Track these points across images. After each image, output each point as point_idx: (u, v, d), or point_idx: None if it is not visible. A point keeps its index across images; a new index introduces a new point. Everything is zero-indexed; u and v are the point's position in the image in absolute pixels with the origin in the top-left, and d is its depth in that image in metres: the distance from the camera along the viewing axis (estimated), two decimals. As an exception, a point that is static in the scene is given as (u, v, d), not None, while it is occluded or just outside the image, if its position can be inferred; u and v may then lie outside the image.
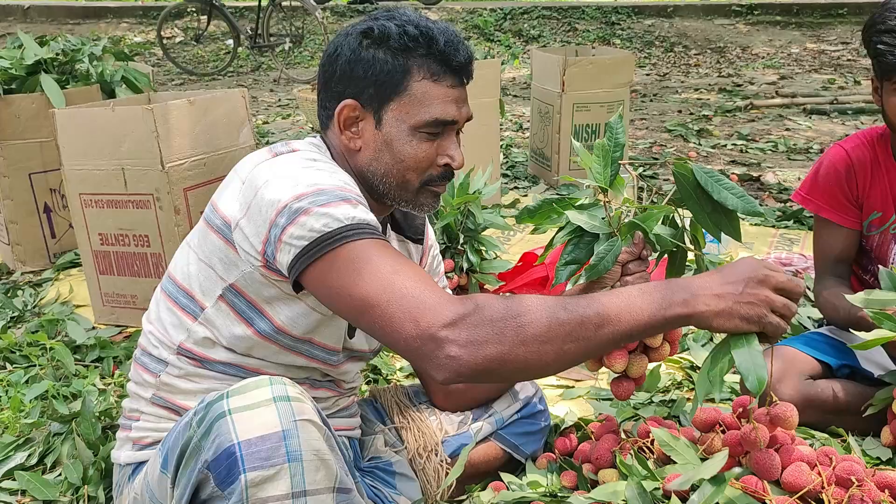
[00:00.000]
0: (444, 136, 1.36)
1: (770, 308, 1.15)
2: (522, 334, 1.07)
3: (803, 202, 2.07)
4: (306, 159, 1.30)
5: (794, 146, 5.24)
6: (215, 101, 2.62)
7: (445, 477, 1.61)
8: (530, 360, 1.08)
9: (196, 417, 1.12)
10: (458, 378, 1.07)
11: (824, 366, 1.93)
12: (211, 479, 1.09)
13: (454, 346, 1.05)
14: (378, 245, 1.17)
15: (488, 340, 1.06)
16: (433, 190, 1.38)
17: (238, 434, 1.06)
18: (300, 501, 1.07)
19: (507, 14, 11.11)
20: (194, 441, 1.11)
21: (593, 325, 1.09)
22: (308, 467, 1.08)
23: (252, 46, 9.02)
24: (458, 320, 1.06)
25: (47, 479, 1.79)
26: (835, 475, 1.46)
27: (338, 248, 1.15)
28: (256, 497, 1.06)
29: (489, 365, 1.06)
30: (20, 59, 3.12)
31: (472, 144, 3.80)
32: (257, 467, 1.05)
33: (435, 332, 1.06)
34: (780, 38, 10.38)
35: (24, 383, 2.25)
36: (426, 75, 1.32)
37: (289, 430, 1.07)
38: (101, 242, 2.63)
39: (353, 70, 1.33)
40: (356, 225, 1.17)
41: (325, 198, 1.19)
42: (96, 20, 11.00)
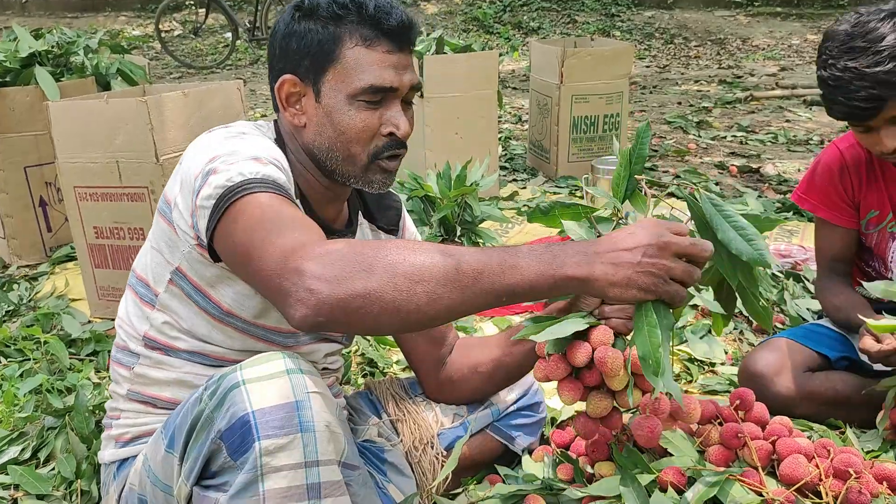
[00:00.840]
0: (388, 105, 1.31)
1: (669, 276, 1.08)
2: (392, 270, 1.00)
3: (800, 202, 2.06)
4: (235, 132, 1.30)
5: (794, 137, 5.22)
6: (210, 94, 2.60)
7: (441, 470, 1.60)
8: (399, 300, 1.00)
9: (207, 392, 1.12)
10: (316, 315, 1.00)
11: (823, 358, 1.92)
12: (223, 448, 1.09)
13: (315, 280, 0.99)
14: (273, 198, 1.14)
15: (354, 275, 0.99)
16: (382, 166, 1.34)
17: (252, 403, 1.06)
18: (312, 471, 1.08)
19: (506, 6, 11.08)
20: (206, 413, 1.10)
21: (472, 272, 1.03)
22: (320, 438, 1.08)
23: (250, 39, 9.00)
24: (325, 254, 1.01)
25: (41, 474, 1.78)
26: (832, 467, 1.45)
27: (236, 201, 1.14)
28: (270, 465, 1.06)
29: (353, 302, 0.99)
30: (15, 52, 3.10)
31: (471, 136, 3.81)
32: (271, 435, 1.05)
33: (298, 264, 1.01)
34: (780, 30, 10.35)
35: (19, 377, 2.24)
36: (358, 41, 1.28)
37: (302, 401, 1.07)
38: (97, 236, 2.62)
39: (287, 44, 1.32)
40: (259, 179, 1.16)
41: (235, 157, 1.19)
42: (94, 13, 10.98)
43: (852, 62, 1.66)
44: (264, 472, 1.06)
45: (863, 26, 1.68)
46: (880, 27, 1.66)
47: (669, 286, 1.09)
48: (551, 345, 1.22)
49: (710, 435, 1.57)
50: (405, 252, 1.03)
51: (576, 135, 4.26)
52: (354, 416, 1.70)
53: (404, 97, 1.34)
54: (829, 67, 1.71)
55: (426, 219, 2.73)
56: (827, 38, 1.75)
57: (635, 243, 1.07)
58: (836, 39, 1.72)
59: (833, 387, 1.86)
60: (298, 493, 1.07)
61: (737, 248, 1.13)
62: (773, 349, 1.91)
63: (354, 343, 2.39)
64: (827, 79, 1.72)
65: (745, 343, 2.44)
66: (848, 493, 1.40)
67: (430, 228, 2.70)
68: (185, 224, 1.24)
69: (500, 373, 1.60)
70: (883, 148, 1.74)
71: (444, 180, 2.73)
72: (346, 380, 2.20)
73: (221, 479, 1.11)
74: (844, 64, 1.67)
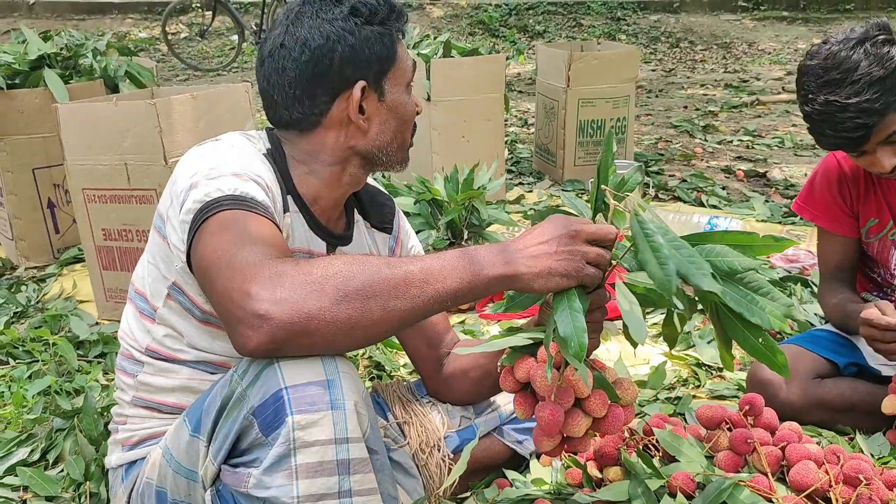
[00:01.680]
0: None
1: (585, 260, 1.14)
2: (344, 289, 1.04)
3: (800, 211, 2.05)
4: (223, 145, 1.32)
5: (800, 142, 5.21)
6: (218, 96, 2.61)
7: (448, 473, 1.60)
8: (353, 317, 1.04)
9: (237, 372, 1.13)
10: (270, 341, 1.02)
11: (831, 364, 1.91)
12: (255, 425, 1.10)
13: (266, 303, 1.01)
14: (244, 216, 1.17)
15: (306, 296, 1.02)
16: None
17: (286, 380, 1.07)
18: (342, 447, 1.09)
19: (512, 9, 11.08)
20: (238, 391, 1.11)
21: (419, 281, 1.08)
22: (349, 416, 1.09)
23: (257, 42, 9.01)
24: (274, 276, 1.03)
25: (49, 476, 1.79)
26: (842, 473, 1.45)
27: (210, 217, 1.16)
28: (302, 440, 1.07)
29: (308, 324, 1.02)
30: (24, 54, 3.12)
31: (478, 140, 3.81)
32: (304, 411, 1.07)
33: (248, 287, 1.02)
34: (786, 34, 10.34)
35: (27, 379, 2.24)
36: (399, 36, 1.39)
37: (333, 380, 1.08)
38: (105, 237, 2.63)
39: (357, 53, 1.32)
40: (237, 197, 1.19)
41: (216, 172, 1.22)
42: (101, 16, 11.01)
43: (832, 96, 1.66)
44: (297, 447, 1.07)
45: (834, 57, 1.67)
46: (852, 55, 1.66)
47: (588, 270, 1.14)
48: (504, 358, 1.25)
49: (720, 440, 1.57)
50: (353, 268, 1.06)
51: (582, 138, 4.26)
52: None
53: None
54: (811, 103, 1.71)
55: (433, 222, 2.73)
56: (802, 74, 1.74)
57: (549, 236, 1.15)
58: (811, 75, 1.71)
59: (841, 393, 1.86)
60: (329, 468, 1.08)
61: (650, 270, 1.10)
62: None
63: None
64: (811, 114, 1.72)
65: (752, 348, 2.43)
66: (858, 500, 1.39)
67: (438, 232, 2.70)
68: (178, 240, 1.25)
69: (488, 380, 1.59)
70: (881, 168, 1.74)
71: (451, 184, 2.73)
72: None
73: (251, 455, 1.12)
74: (825, 98, 1.67)
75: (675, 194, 4.07)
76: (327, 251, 1.45)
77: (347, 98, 1.33)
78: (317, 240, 1.43)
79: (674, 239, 1.12)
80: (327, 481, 1.08)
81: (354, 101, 1.33)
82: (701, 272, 1.09)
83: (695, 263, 1.09)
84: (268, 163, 1.34)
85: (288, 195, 1.37)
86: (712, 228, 3.27)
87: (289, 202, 1.37)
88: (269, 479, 1.09)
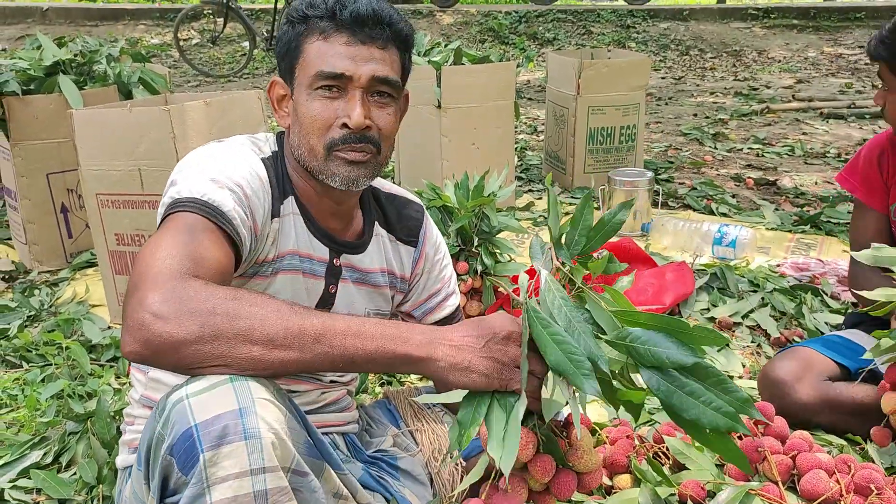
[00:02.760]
0: (347, 97, 1.31)
1: (515, 364, 1.10)
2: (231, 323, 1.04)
3: (842, 181, 2.15)
4: (221, 147, 1.34)
5: (810, 150, 5.21)
6: (232, 103, 2.63)
7: (460, 480, 1.60)
8: (230, 354, 1.04)
9: (158, 409, 1.11)
10: (142, 351, 1.03)
11: (843, 369, 1.92)
12: (174, 464, 1.07)
13: (150, 315, 1.02)
14: (200, 225, 1.18)
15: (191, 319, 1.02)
16: (341, 157, 1.33)
17: (195, 416, 1.04)
18: (259, 478, 1.05)
19: (522, 17, 11.10)
20: (157, 430, 1.09)
21: (314, 333, 1.06)
22: (265, 444, 1.05)
23: (268, 48, 9.06)
24: (174, 292, 1.04)
25: (62, 478, 1.80)
26: (853, 483, 1.45)
27: (172, 214, 1.20)
28: (215, 476, 1.04)
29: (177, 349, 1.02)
30: (39, 60, 3.15)
31: (488, 147, 3.82)
32: (214, 446, 1.03)
33: (145, 293, 1.04)
34: (796, 42, 10.32)
35: (40, 382, 2.26)
36: (317, 36, 1.32)
37: (246, 408, 1.05)
38: (118, 242, 2.64)
39: (280, 48, 1.38)
40: (201, 202, 1.20)
41: (196, 173, 1.25)
42: (114, 22, 11.08)
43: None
44: (210, 484, 1.04)
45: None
46: None
47: (513, 374, 1.10)
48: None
49: (730, 449, 1.57)
50: (249, 305, 1.06)
51: (592, 146, 4.27)
52: (372, 426, 1.70)
53: (373, 89, 1.33)
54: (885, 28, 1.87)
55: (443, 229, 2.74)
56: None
57: (481, 331, 1.11)
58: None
59: (853, 396, 1.86)
60: (246, 501, 1.05)
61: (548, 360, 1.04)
62: (793, 357, 1.92)
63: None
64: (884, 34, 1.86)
65: (762, 356, 2.43)
66: (869, 509, 1.39)
67: (448, 239, 2.71)
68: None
69: None
70: None
71: (461, 191, 2.73)
72: (364, 389, 2.21)
73: (179, 496, 1.09)
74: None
75: (684, 202, 4.07)
76: (330, 257, 1.45)
77: (270, 88, 1.39)
78: (319, 245, 1.43)
79: (556, 332, 1.03)
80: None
81: (272, 95, 1.39)
82: (581, 372, 1.00)
83: (575, 362, 1.01)
84: (266, 167, 1.35)
85: (290, 197, 1.39)
86: (722, 236, 3.26)
87: (288, 205, 1.39)
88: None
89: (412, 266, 1.60)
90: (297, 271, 1.41)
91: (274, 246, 1.37)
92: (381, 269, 1.54)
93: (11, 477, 1.82)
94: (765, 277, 2.93)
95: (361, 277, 1.51)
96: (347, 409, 1.61)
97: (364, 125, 1.31)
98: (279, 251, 1.38)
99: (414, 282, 1.61)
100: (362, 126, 1.31)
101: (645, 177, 3.69)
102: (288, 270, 1.40)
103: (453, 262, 2.69)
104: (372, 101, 1.33)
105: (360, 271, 1.51)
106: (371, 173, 1.37)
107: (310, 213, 1.42)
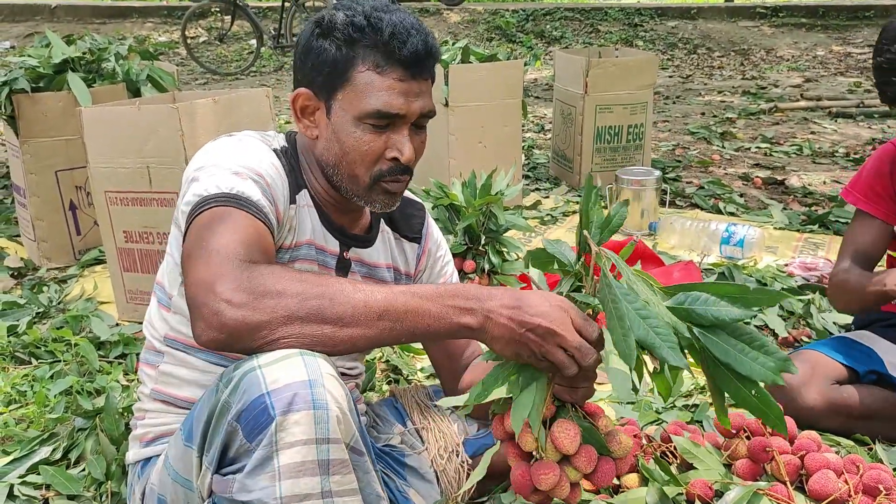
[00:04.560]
0: (395, 130, 1.33)
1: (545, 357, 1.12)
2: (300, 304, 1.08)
3: (846, 195, 2.09)
4: (234, 140, 1.36)
5: (818, 149, 5.19)
6: (240, 100, 2.63)
7: (466, 478, 1.60)
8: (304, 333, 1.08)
9: (223, 381, 1.14)
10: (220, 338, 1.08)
11: (851, 371, 1.91)
12: (240, 431, 1.10)
13: (224, 304, 1.06)
14: (235, 213, 1.20)
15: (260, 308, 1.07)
16: (385, 187, 1.36)
17: (267, 385, 1.07)
18: (323, 447, 1.08)
19: (529, 15, 11.09)
20: (223, 399, 1.12)
21: (378, 311, 1.10)
22: (331, 416, 1.09)
23: (275, 46, 9.07)
24: (241, 280, 1.08)
25: (71, 474, 1.81)
26: (862, 483, 1.44)
27: (203, 212, 1.21)
28: (284, 440, 1.07)
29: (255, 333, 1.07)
30: (48, 58, 3.16)
31: (495, 146, 3.82)
32: (286, 411, 1.07)
33: (213, 284, 1.08)
34: (805, 41, 10.29)
35: (49, 378, 2.27)
36: (370, 66, 1.31)
37: (315, 380, 1.08)
38: (126, 240, 2.65)
39: (305, 60, 1.36)
40: (232, 195, 1.22)
41: (217, 168, 1.26)
42: (122, 20, 11.11)
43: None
44: (279, 448, 1.07)
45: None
46: None
47: (542, 363, 1.13)
48: (495, 405, 1.22)
49: (738, 448, 1.57)
50: (315, 286, 1.09)
51: (599, 145, 4.26)
52: (379, 423, 1.71)
53: (415, 122, 1.36)
54: (884, 53, 1.84)
55: (451, 227, 2.74)
56: (882, 31, 1.89)
57: (528, 318, 1.11)
58: (890, 30, 1.86)
59: (861, 400, 1.85)
60: (311, 468, 1.08)
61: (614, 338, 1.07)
62: (800, 361, 1.90)
63: (379, 351, 2.40)
64: (881, 63, 1.84)
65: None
66: (878, 510, 1.39)
67: (455, 237, 2.71)
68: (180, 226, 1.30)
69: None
70: None
71: (469, 189, 2.73)
72: (371, 387, 2.21)
73: (239, 464, 1.12)
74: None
75: (692, 201, 4.06)
76: (340, 250, 1.46)
77: (296, 98, 1.39)
78: (331, 237, 1.45)
79: (642, 307, 1.06)
80: (310, 481, 1.08)
81: (297, 105, 1.39)
82: (668, 344, 1.04)
83: (661, 335, 1.04)
84: (278, 158, 1.37)
85: (304, 190, 1.41)
86: (730, 235, 3.26)
87: (303, 196, 1.41)
88: (252, 483, 1.09)
89: (416, 262, 1.63)
90: (312, 261, 1.43)
91: (291, 233, 1.39)
92: (387, 264, 1.56)
93: (21, 473, 1.83)
94: (773, 277, 2.93)
95: (369, 272, 1.52)
96: (356, 402, 1.62)
97: (413, 160, 1.36)
98: (297, 240, 1.40)
99: (417, 278, 1.63)
100: (412, 161, 1.36)
101: (652, 176, 3.68)
102: (305, 260, 1.42)
103: (461, 261, 2.69)
104: (412, 131, 1.36)
105: (368, 265, 1.52)
106: (402, 195, 1.43)
107: (321, 208, 1.44)
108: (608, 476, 1.20)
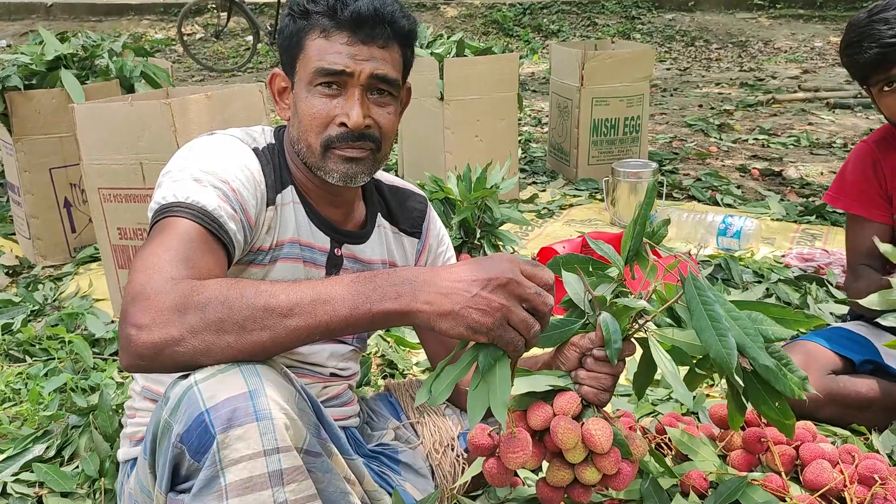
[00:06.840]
0: (346, 95, 1.32)
1: (507, 319, 1.04)
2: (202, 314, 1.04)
3: (833, 202, 2.05)
4: (208, 142, 1.35)
5: (816, 141, 5.17)
6: (233, 96, 2.62)
7: (462, 472, 1.60)
8: (208, 342, 1.04)
9: (164, 398, 1.11)
10: (136, 359, 1.05)
11: (846, 361, 1.90)
12: (185, 452, 1.07)
13: (132, 328, 1.04)
14: (184, 226, 1.19)
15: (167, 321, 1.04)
16: (338, 154, 1.33)
17: (206, 402, 1.04)
18: (273, 458, 1.05)
19: (526, 9, 11.07)
20: (164, 419, 1.10)
21: (283, 310, 1.04)
22: (278, 425, 1.06)
23: (271, 43, 9.05)
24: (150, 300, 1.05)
25: (65, 472, 1.80)
26: (857, 473, 1.44)
27: (159, 220, 1.21)
28: (228, 458, 1.04)
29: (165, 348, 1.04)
30: (41, 55, 3.15)
31: (491, 139, 3.80)
32: (225, 428, 1.04)
33: (127, 307, 1.07)
34: (802, 32, 10.26)
35: (43, 376, 2.26)
36: (318, 34, 1.32)
37: (255, 390, 1.05)
38: (120, 237, 2.64)
39: (280, 43, 1.40)
40: (186, 204, 1.21)
41: (182, 173, 1.26)
42: (118, 17, 11.09)
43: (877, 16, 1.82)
44: (224, 466, 1.04)
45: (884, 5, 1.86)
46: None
47: (506, 333, 1.04)
48: (514, 400, 1.19)
49: (733, 439, 1.56)
50: (217, 295, 1.05)
51: (596, 137, 4.25)
52: (374, 418, 1.70)
53: (372, 87, 1.33)
54: (855, 28, 1.87)
55: (446, 221, 2.73)
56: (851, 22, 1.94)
57: (476, 275, 1.04)
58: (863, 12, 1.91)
59: (857, 390, 1.85)
60: (261, 482, 1.05)
61: (705, 339, 1.07)
62: (797, 351, 1.90)
63: (374, 345, 2.40)
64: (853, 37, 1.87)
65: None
66: (873, 500, 1.38)
67: (451, 231, 2.70)
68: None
69: None
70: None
71: (464, 183, 2.72)
72: (367, 381, 2.20)
73: (191, 482, 1.09)
74: (870, 19, 1.83)
75: (689, 193, 4.06)
76: (331, 246, 1.45)
77: (271, 80, 1.41)
78: (320, 234, 1.44)
79: (731, 309, 1.09)
80: (259, 496, 1.05)
81: (273, 87, 1.40)
82: (758, 345, 1.07)
83: (751, 336, 1.08)
84: (259, 157, 1.36)
85: (289, 187, 1.40)
86: (727, 227, 3.25)
87: (287, 194, 1.39)
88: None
89: (415, 257, 1.61)
90: (297, 259, 1.41)
91: (270, 234, 1.37)
92: (382, 260, 1.54)
93: (14, 470, 1.82)
94: (769, 268, 2.92)
95: (363, 268, 1.50)
96: (349, 403, 1.61)
97: (363, 125, 1.32)
98: (278, 239, 1.38)
99: None
100: (361, 126, 1.32)
101: (649, 168, 3.67)
102: (287, 258, 1.40)
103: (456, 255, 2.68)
104: (371, 100, 1.34)
105: (362, 262, 1.50)
106: (369, 170, 1.37)
107: (310, 203, 1.42)
108: (627, 479, 1.18)
